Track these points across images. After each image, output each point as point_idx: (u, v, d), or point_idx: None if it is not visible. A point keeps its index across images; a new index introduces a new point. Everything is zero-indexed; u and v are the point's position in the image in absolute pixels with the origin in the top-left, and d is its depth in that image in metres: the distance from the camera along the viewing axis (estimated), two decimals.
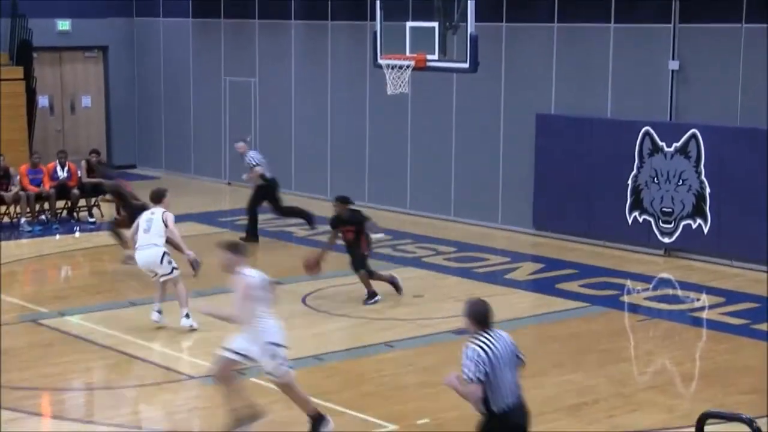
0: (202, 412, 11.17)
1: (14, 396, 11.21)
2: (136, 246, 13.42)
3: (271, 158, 24.14)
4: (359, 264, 14.83)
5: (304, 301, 14.96)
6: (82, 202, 20.86)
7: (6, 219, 20.25)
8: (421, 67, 15.65)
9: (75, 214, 20.88)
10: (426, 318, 14.17)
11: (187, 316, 13.24)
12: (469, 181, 20.39)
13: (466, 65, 15.20)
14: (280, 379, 9.76)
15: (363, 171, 22.31)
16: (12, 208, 20.35)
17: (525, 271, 16.91)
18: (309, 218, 19.25)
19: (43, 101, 26.30)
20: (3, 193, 20.23)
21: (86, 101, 27.05)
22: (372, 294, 14.79)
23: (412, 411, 10.69)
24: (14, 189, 20.34)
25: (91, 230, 19.83)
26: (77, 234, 19.16)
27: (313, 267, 15.01)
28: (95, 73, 27.31)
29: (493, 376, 7.38)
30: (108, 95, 27.22)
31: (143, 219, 13.50)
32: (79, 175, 20.88)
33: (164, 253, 13.34)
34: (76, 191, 20.75)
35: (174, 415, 10.95)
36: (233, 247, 9.86)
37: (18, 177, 20.61)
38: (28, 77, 25.18)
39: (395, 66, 15.87)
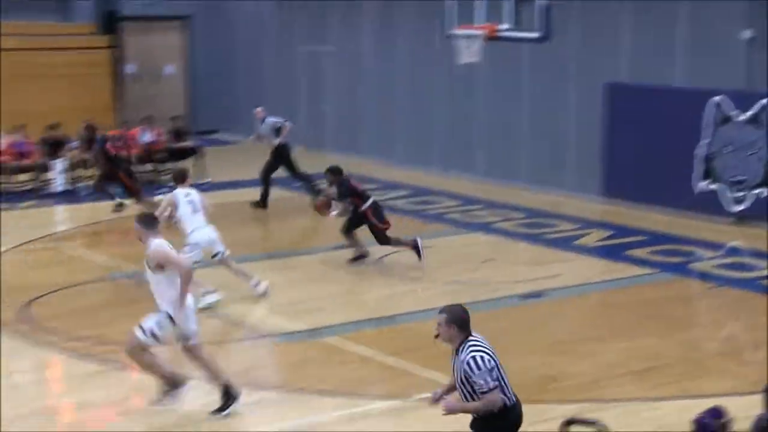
0: (276, 369, 11.27)
1: (101, 350, 11.38)
2: (192, 228, 12.74)
3: (342, 124, 24.25)
4: (382, 239, 14.72)
5: (376, 263, 14.97)
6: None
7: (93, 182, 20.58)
8: (492, 37, 15.51)
9: (160, 177, 21.15)
10: (496, 282, 14.11)
11: (258, 283, 13.14)
12: (539, 149, 20.23)
13: (537, 35, 15.04)
14: (145, 342, 9.35)
15: (433, 138, 22.25)
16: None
17: (594, 237, 16.75)
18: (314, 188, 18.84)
19: (129, 69, 26.58)
20: (89, 156, 20.53)
21: (170, 69, 27.29)
22: (415, 248, 14.64)
23: None
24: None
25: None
26: (158, 197, 19.29)
27: (322, 208, 14.86)
28: (179, 41, 27.51)
29: (500, 374, 7.08)
30: (191, 63, 27.42)
31: (182, 201, 12.70)
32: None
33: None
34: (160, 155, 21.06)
35: (252, 371, 11.03)
36: (142, 219, 9.61)
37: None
38: (115, 46, 25.45)
39: (467, 36, 15.76)
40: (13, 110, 22.15)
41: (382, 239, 14.76)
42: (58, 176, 20.12)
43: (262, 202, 18.65)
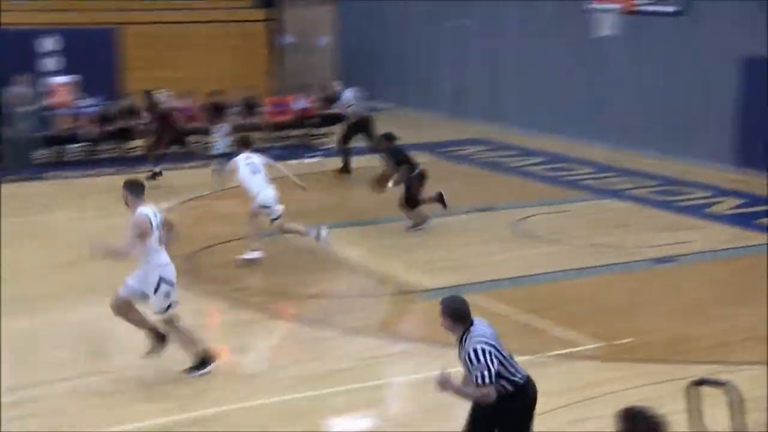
0: (417, 323, 11.27)
1: (255, 300, 11.57)
2: (257, 189, 12.71)
3: (484, 94, 24.03)
4: (410, 204, 14.49)
5: (514, 226, 14.82)
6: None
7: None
8: (629, 11, 15.15)
9: (312, 141, 21.37)
10: (629, 246, 13.82)
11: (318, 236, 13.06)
12: (672, 119, 19.69)
13: (674, 9, 14.60)
14: (165, 317, 9.20)
15: (570, 107, 21.86)
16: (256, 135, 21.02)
17: (726, 205, 16.23)
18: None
19: (286, 40, 26.87)
20: (247, 121, 20.86)
21: (324, 40, 27.47)
22: (440, 200, 14.63)
23: (616, 330, 10.46)
24: (258, 119, 20.95)
25: (325, 156, 20.13)
26: (308, 160, 19.45)
27: (379, 184, 14.74)
28: (332, 14, 27.64)
29: (503, 361, 6.61)
30: (343, 35, 27.53)
31: (241, 165, 12.74)
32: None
33: None
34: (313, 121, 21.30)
35: (394, 324, 11.07)
36: (129, 185, 9.25)
37: (262, 108, 21.21)
38: (272, 19, 25.76)
39: (604, 9, 15.46)
40: (181, 78, 22.69)
41: (410, 204, 14.51)
42: (218, 140, 20.45)
43: (348, 169, 18.63)
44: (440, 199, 14.73)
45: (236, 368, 9.77)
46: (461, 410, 8.98)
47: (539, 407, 6.78)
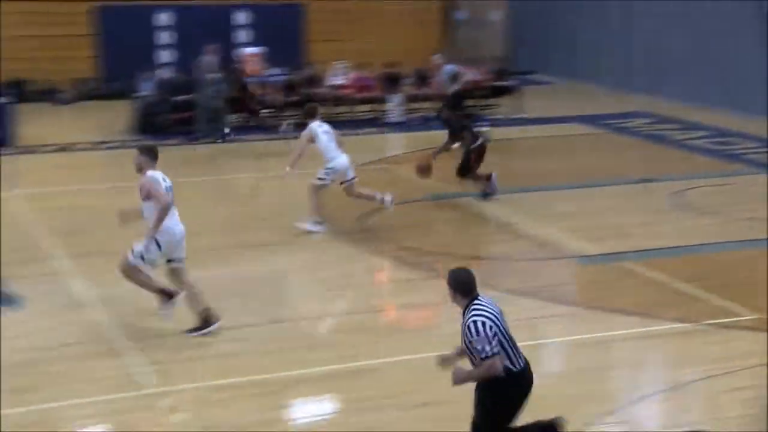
0: (576, 287, 11.01)
1: (421, 260, 11.52)
2: (333, 155, 12.42)
3: (649, 68, 23.24)
4: (464, 172, 13.90)
5: (674, 198, 14.28)
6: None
7: (422, 113, 20.90)
8: None
9: (481, 111, 21.18)
10: None
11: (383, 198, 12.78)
12: None
13: None
14: (130, 263, 8.94)
15: (735, 82, 20.91)
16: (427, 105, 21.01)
17: None
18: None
19: (460, 15, 26.67)
20: (420, 92, 20.85)
21: (495, 15, 27.12)
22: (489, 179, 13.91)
23: None
24: (430, 90, 20.91)
25: (492, 125, 19.88)
26: (476, 129, 19.17)
27: (424, 171, 14.05)
28: None
29: (503, 338, 6.16)
30: (513, 10, 27.14)
31: (319, 132, 12.38)
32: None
33: None
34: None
35: (553, 288, 10.80)
36: (146, 150, 9.05)
37: (434, 79, 21.12)
38: None
39: None
40: (359, 50, 22.89)
41: (465, 172, 13.93)
42: (393, 108, 20.51)
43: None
44: (488, 179, 14.04)
45: (399, 324, 9.76)
46: (614, 371, 8.76)
47: (692, 374, 6.52)
